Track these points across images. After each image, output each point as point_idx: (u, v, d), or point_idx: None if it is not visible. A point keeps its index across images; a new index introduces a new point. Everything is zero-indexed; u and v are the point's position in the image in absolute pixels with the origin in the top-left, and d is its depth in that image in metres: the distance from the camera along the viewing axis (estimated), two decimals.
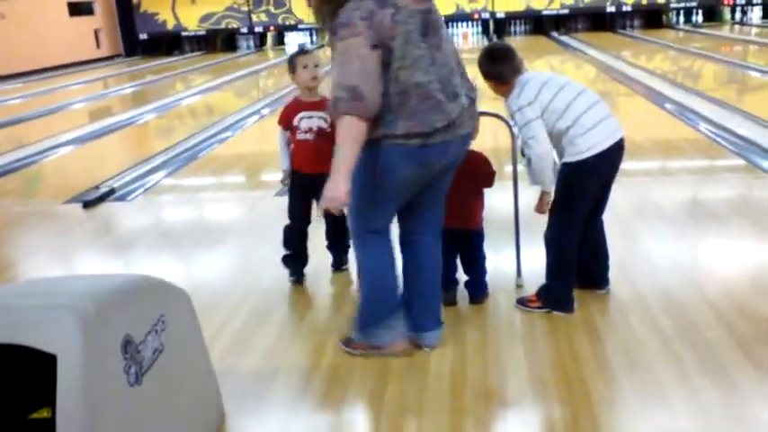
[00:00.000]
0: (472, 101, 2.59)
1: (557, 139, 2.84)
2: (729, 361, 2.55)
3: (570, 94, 2.83)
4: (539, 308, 3.01)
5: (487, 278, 3.18)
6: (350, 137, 2.36)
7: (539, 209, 3.01)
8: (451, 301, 3.07)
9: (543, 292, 3.03)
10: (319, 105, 3.29)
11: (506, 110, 2.97)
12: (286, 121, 3.36)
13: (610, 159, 2.87)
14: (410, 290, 2.79)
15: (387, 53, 2.37)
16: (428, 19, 2.46)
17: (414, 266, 2.77)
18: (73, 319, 1.69)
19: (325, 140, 3.12)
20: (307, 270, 3.52)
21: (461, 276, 3.18)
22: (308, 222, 3.48)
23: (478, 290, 3.14)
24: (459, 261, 3.15)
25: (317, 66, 3.26)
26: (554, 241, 2.98)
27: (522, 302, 3.07)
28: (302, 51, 3.30)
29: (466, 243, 3.07)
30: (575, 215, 2.94)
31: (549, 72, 3.11)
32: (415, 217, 2.71)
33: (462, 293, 3.15)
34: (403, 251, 2.79)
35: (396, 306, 2.72)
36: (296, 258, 3.51)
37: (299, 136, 3.32)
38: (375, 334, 2.72)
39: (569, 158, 2.85)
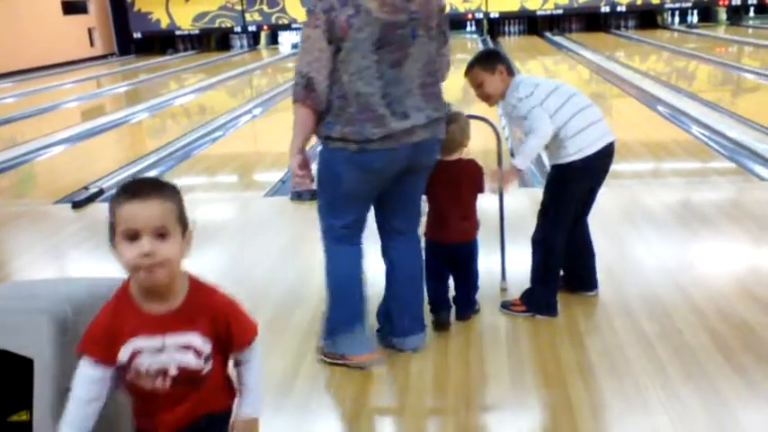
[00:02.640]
0: (437, 119, 2.54)
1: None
2: (711, 366, 2.56)
3: (561, 98, 2.85)
4: (523, 312, 3.02)
5: (477, 295, 3.08)
6: (299, 124, 2.46)
7: (501, 181, 2.94)
8: (444, 325, 2.92)
9: (527, 296, 3.04)
10: (184, 319, 1.56)
11: (503, 109, 2.99)
12: (101, 351, 1.54)
13: (599, 163, 2.88)
14: (390, 294, 2.79)
15: (337, 52, 2.38)
16: (394, 31, 2.37)
17: (391, 270, 2.77)
18: (49, 324, 1.69)
19: (198, 389, 1.60)
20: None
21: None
22: None
23: (467, 306, 3.01)
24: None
25: (162, 233, 1.49)
26: (541, 243, 2.98)
27: (507, 306, 3.07)
28: (127, 189, 1.52)
29: (462, 257, 2.95)
30: (562, 217, 2.95)
31: (539, 76, 3.12)
32: (388, 221, 2.71)
33: None
34: (383, 256, 2.79)
35: (359, 315, 2.67)
36: None
37: (141, 382, 1.57)
38: (338, 342, 2.68)
39: (558, 161, 2.86)
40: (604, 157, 2.88)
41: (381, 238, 2.77)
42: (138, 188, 1.52)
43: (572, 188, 2.91)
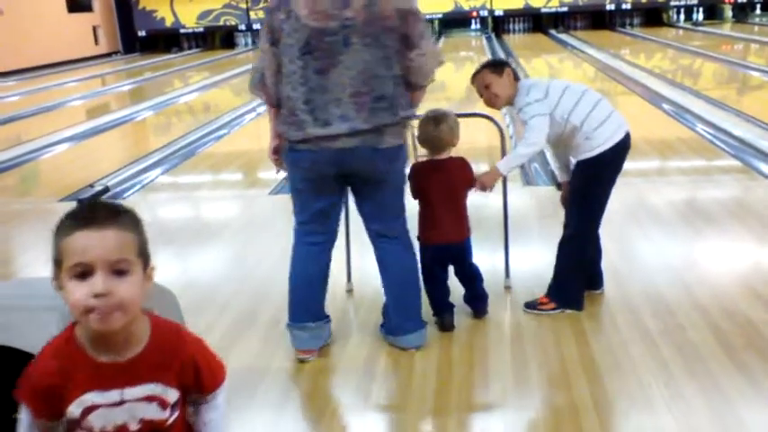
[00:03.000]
0: (368, 130, 2.46)
1: (570, 137, 2.86)
2: (715, 364, 2.56)
3: (575, 95, 2.88)
4: (553, 309, 2.99)
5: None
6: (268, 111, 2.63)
7: (482, 184, 2.87)
8: (449, 327, 2.90)
9: (556, 292, 3.01)
10: (146, 369, 1.34)
11: (512, 112, 3.00)
12: (40, 407, 1.34)
13: (624, 150, 2.91)
14: (386, 294, 2.80)
15: (278, 54, 2.47)
16: (322, 38, 2.37)
17: (382, 272, 2.78)
18: (55, 321, 1.69)
19: None
20: None
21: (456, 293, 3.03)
22: None
23: (481, 302, 2.99)
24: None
25: (120, 269, 1.25)
26: (575, 237, 2.97)
27: (533, 306, 3.03)
28: (77, 216, 1.28)
29: (457, 257, 2.94)
30: (597, 209, 2.97)
31: (546, 78, 3.15)
32: (368, 225, 2.74)
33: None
34: (375, 258, 2.81)
35: (306, 312, 2.72)
36: None
37: None
38: (290, 333, 2.76)
39: (588, 153, 2.86)
40: (627, 144, 2.91)
41: (370, 242, 2.78)
42: (90, 214, 1.26)
43: (605, 178, 2.92)
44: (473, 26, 19.93)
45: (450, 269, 3.01)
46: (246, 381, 2.63)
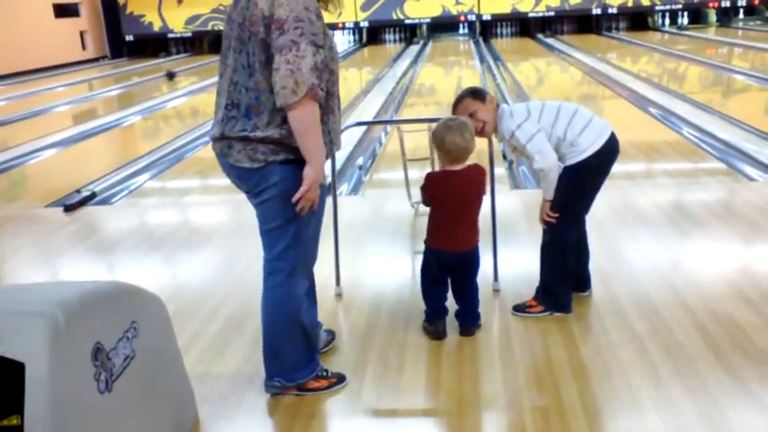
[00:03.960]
0: (219, 138, 2.33)
1: (555, 146, 2.89)
2: (702, 365, 2.57)
3: (553, 109, 2.93)
4: (541, 312, 3.01)
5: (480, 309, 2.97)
6: None
7: (542, 217, 2.98)
8: (440, 335, 2.86)
9: (544, 295, 3.03)
10: None
11: (500, 140, 3.01)
12: None
13: (610, 154, 2.93)
14: None
15: None
16: (223, 44, 2.35)
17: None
18: (42, 327, 1.69)
19: None
20: None
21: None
22: None
23: (472, 321, 2.91)
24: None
25: None
26: (557, 242, 2.99)
27: (521, 309, 3.04)
28: None
29: (467, 266, 2.88)
30: (578, 213, 3.01)
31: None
32: None
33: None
34: None
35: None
36: None
37: None
38: None
39: (574, 159, 2.89)
40: (612, 150, 2.93)
41: None
42: None
43: (589, 183, 2.95)
44: (461, 30, 20.01)
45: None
46: (235, 387, 2.62)
